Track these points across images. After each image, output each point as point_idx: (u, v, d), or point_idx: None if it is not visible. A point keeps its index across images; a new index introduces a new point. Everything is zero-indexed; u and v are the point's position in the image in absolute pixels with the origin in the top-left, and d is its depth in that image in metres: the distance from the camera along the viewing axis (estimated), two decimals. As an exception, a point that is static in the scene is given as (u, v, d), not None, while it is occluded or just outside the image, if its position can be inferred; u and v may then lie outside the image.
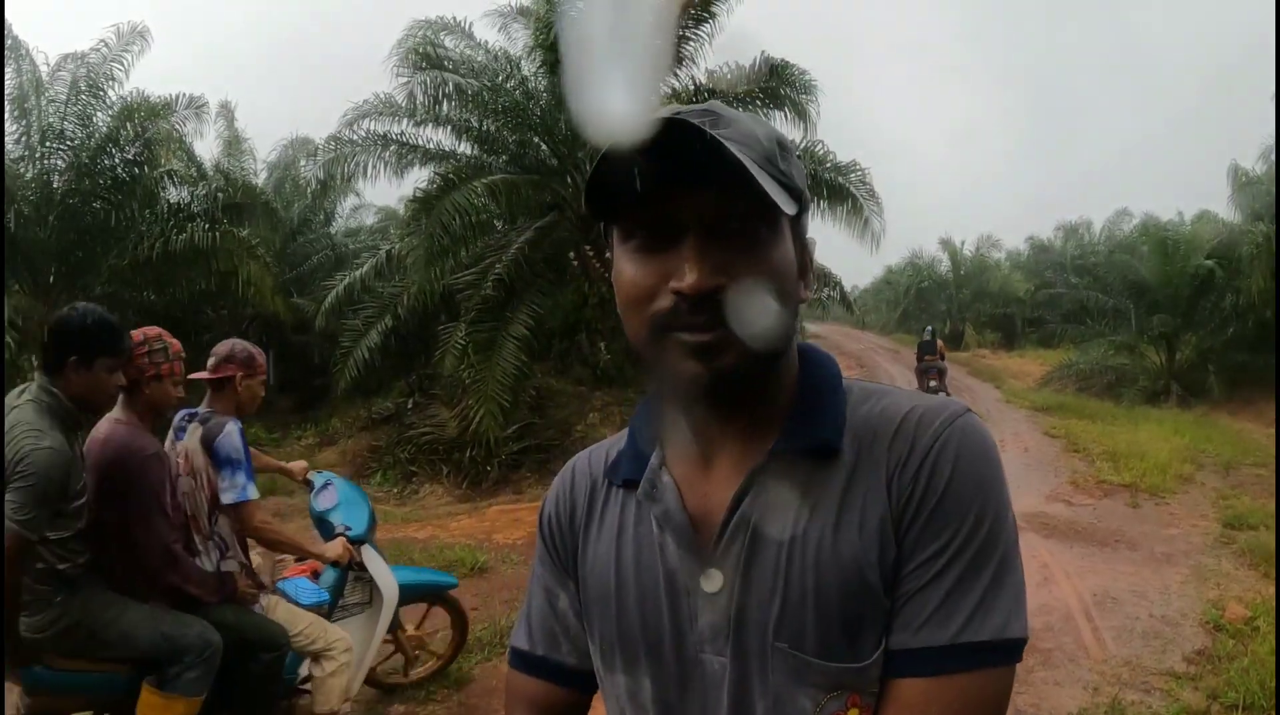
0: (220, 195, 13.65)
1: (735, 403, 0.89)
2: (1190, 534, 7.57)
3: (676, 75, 12.77)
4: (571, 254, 13.17)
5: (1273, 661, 4.50)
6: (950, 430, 0.84)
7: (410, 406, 12.87)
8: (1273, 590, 5.96)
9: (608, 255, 1.00)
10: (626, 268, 0.84)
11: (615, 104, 0.80)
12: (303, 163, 16.94)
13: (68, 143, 12.69)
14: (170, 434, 3.51)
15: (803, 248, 0.90)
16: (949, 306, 39.70)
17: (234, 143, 17.38)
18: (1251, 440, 13.38)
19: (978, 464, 0.83)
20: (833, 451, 0.87)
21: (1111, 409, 16.82)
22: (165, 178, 13.82)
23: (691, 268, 0.79)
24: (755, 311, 0.80)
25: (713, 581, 0.87)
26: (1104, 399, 18.74)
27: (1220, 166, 19.31)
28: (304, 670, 3.64)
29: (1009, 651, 0.80)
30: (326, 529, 3.93)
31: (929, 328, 17.19)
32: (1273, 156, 17.55)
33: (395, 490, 11.21)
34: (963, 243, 42.14)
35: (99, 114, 12.92)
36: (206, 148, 17.12)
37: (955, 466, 0.82)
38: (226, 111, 17.29)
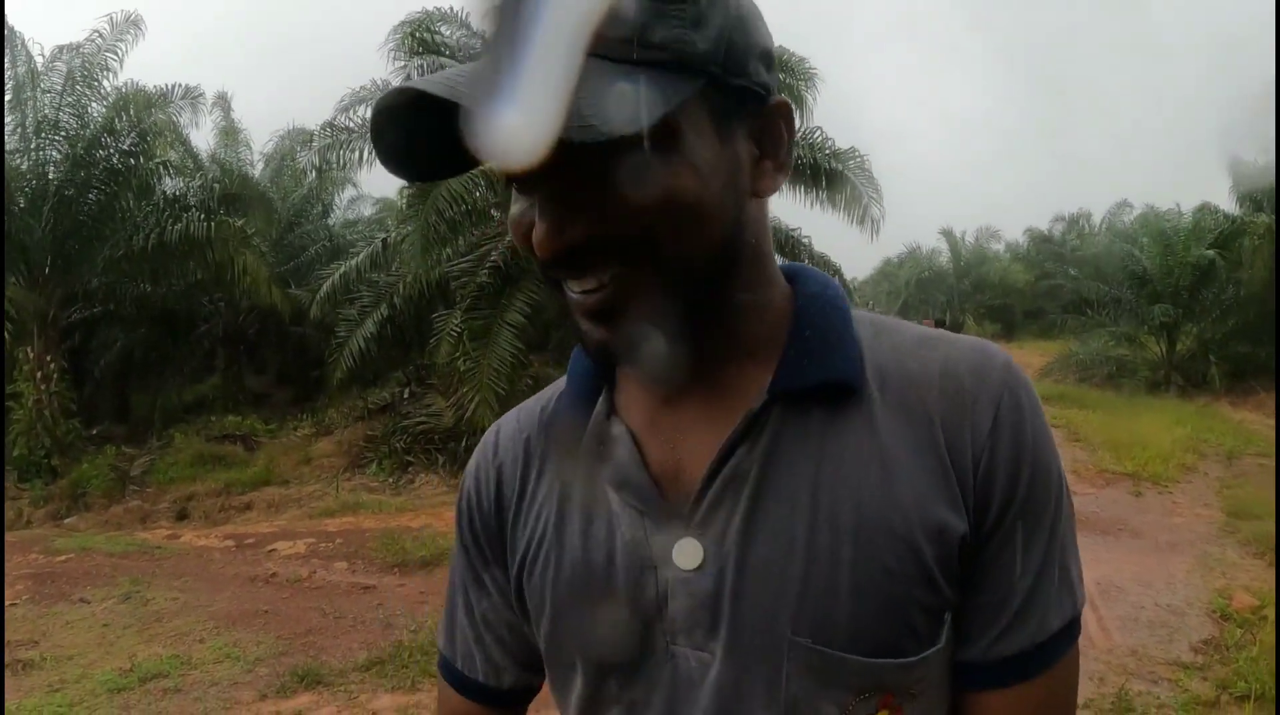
0: (216, 186, 13.71)
1: (690, 350, 0.70)
2: (1194, 523, 7.56)
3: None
4: (568, 241, 13.14)
5: (1281, 649, 4.45)
6: (1014, 384, 0.70)
7: (406, 396, 12.83)
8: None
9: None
10: (511, 207, 0.67)
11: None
12: (299, 152, 16.90)
13: (63, 134, 12.70)
14: None
15: (759, 121, 0.68)
16: (949, 297, 39.83)
17: (230, 133, 17.34)
18: (1253, 430, 13.39)
19: (1043, 423, 0.71)
20: (851, 390, 0.70)
21: (1112, 399, 16.79)
22: (161, 168, 13.83)
23: (539, 225, 0.62)
24: (652, 255, 0.63)
25: (688, 556, 0.70)
26: (1104, 389, 18.72)
27: (1221, 158, 19.34)
28: None
29: (1077, 626, 0.72)
30: None
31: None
32: (1273, 149, 17.48)
33: (391, 480, 11.17)
34: (962, 234, 42.28)
35: (94, 105, 12.94)
36: (202, 138, 17.09)
37: (1033, 431, 0.69)
38: (223, 102, 17.26)
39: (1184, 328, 19.15)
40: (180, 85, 13.49)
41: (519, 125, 0.47)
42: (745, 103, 0.66)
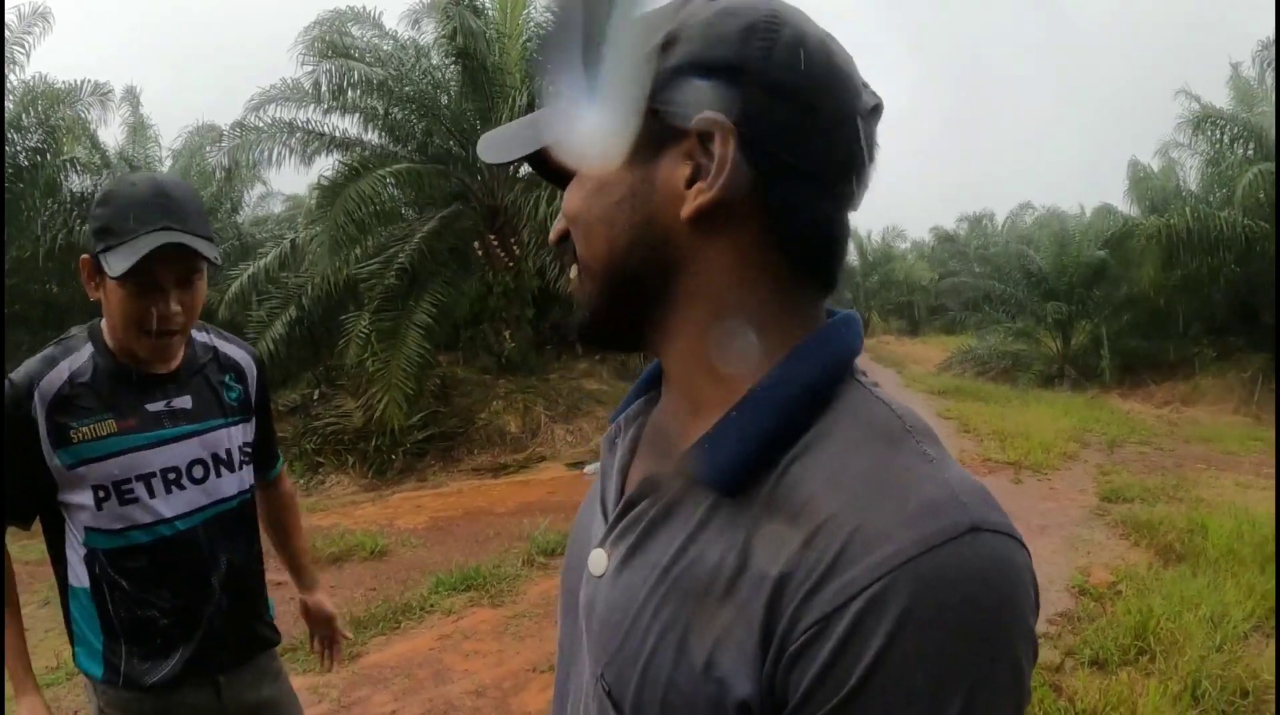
0: (125, 185, 13.32)
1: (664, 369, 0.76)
2: (1068, 507, 7.92)
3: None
4: (476, 243, 13.23)
5: (1130, 619, 4.78)
6: (899, 575, 0.54)
7: (316, 397, 12.80)
8: (1139, 556, 6.34)
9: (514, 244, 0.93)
10: None
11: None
12: (208, 150, 16.63)
13: (-36, 130, 12.28)
14: None
15: (684, 143, 0.66)
16: (856, 294, 40.61)
17: (139, 129, 16.92)
18: (1139, 420, 14.01)
19: (937, 644, 0.53)
20: (733, 494, 0.65)
21: (1006, 392, 17.47)
22: (68, 166, 13.45)
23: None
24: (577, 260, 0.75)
25: (596, 563, 0.74)
26: (1000, 383, 19.47)
27: (1122, 161, 20.11)
28: None
29: None
30: None
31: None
32: (1170, 153, 18.35)
33: (302, 481, 11.14)
34: (869, 232, 43.17)
35: (-1, 100, 12.54)
36: (111, 134, 16.69)
37: (887, 646, 0.53)
38: (131, 96, 16.80)
39: (1078, 324, 19.94)
40: (89, 81, 13.21)
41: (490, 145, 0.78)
42: (664, 125, 0.66)
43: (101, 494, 1.71)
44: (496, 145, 0.78)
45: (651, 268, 0.69)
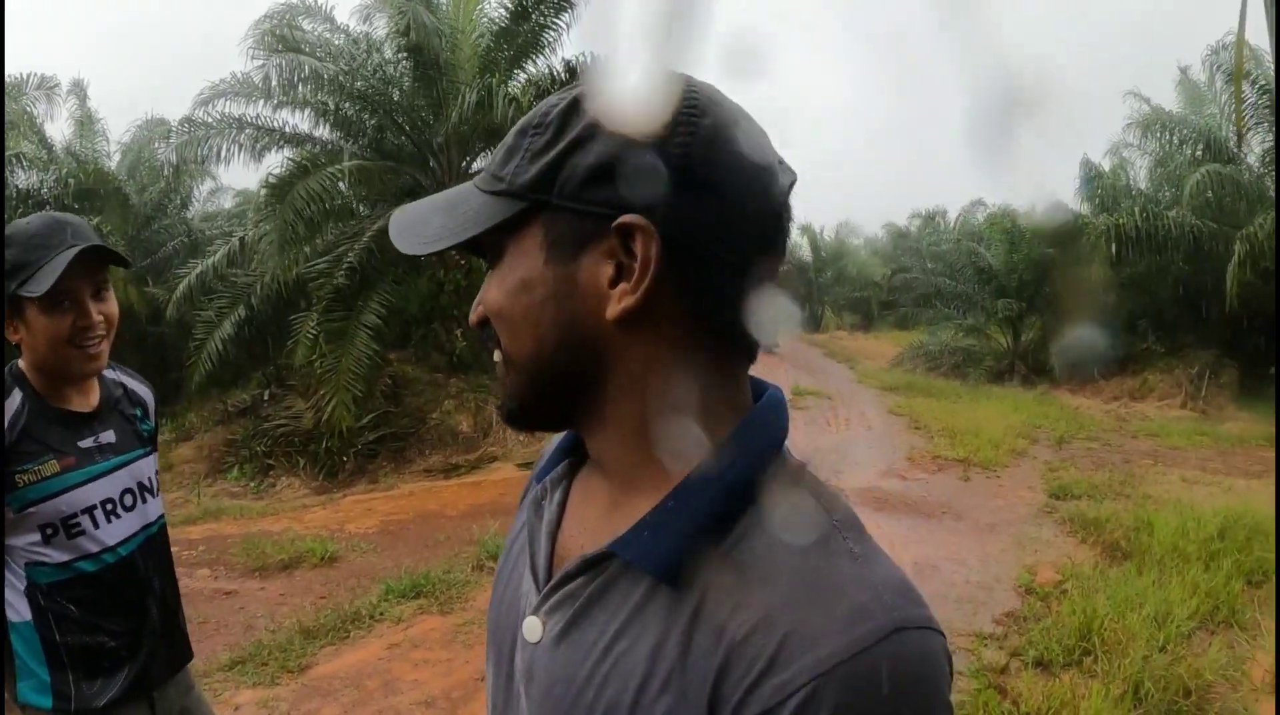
0: (71, 180, 13.14)
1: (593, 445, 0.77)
2: (1016, 505, 8.02)
3: (534, 63, 12.85)
4: (428, 241, 13.13)
5: (1074, 619, 4.83)
6: (832, 676, 0.57)
7: (266, 398, 12.62)
8: (1086, 554, 6.43)
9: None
10: None
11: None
12: (157, 145, 16.33)
13: (-95, 124, 11.96)
14: None
15: (608, 241, 0.67)
16: (809, 289, 40.84)
17: (86, 123, 16.59)
18: (1087, 416, 14.26)
19: None
20: (670, 582, 0.66)
21: (957, 388, 17.65)
22: (14, 161, 13.21)
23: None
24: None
25: (531, 630, 0.74)
26: (951, 379, 19.68)
27: (1072, 160, 20.30)
28: None
29: None
30: None
31: None
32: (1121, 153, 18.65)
33: (252, 485, 10.99)
34: (822, 228, 43.42)
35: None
36: (58, 129, 16.35)
37: None
38: (79, 90, 16.48)
39: (1027, 320, 20.23)
40: (36, 75, 12.96)
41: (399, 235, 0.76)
42: (586, 224, 0.67)
43: (50, 531, 1.80)
44: (412, 232, 0.77)
45: (579, 365, 0.70)
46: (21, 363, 1.88)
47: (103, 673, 1.86)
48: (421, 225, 0.76)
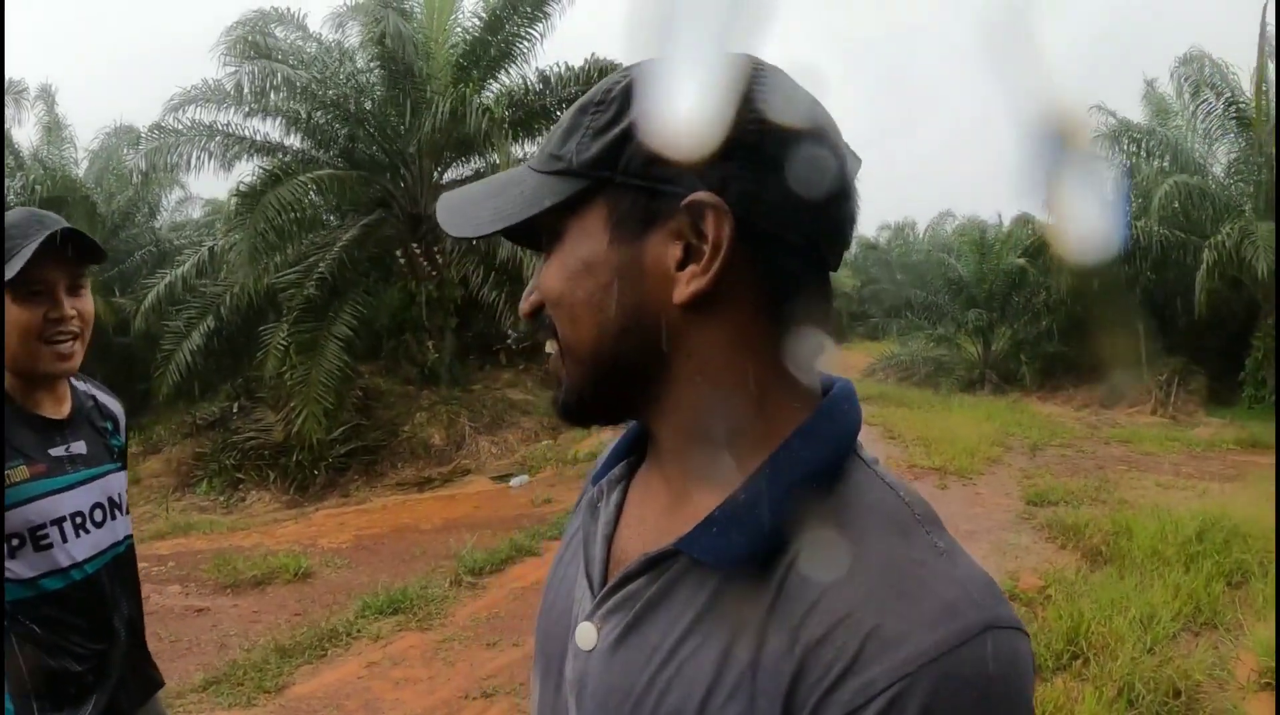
0: (38, 187, 12.94)
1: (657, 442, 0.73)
2: (994, 512, 7.99)
3: (508, 73, 12.82)
4: (399, 252, 13.05)
5: (1061, 624, 4.82)
6: (922, 675, 0.54)
7: (235, 411, 12.46)
8: (1066, 559, 6.43)
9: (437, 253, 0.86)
10: None
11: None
12: (126, 152, 16.11)
13: None
14: None
15: (675, 221, 0.64)
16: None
17: (54, 129, 16.35)
18: (1059, 423, 14.36)
19: None
20: (743, 578, 0.63)
21: (929, 397, 17.71)
22: (-20, 167, 12.95)
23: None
24: (559, 337, 0.72)
25: (585, 636, 0.71)
26: (924, 388, 19.79)
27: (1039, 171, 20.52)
28: None
29: None
30: None
31: None
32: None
33: (222, 498, 10.85)
34: (793, 243, 43.59)
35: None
36: (25, 134, 16.10)
37: None
38: (46, 95, 16.25)
39: (998, 330, 20.41)
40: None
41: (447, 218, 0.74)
42: (653, 203, 0.64)
43: (16, 542, 1.69)
44: (460, 211, 0.74)
45: (643, 352, 0.67)
46: None
47: (71, 700, 1.76)
48: (472, 208, 0.74)
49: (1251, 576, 5.67)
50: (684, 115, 0.62)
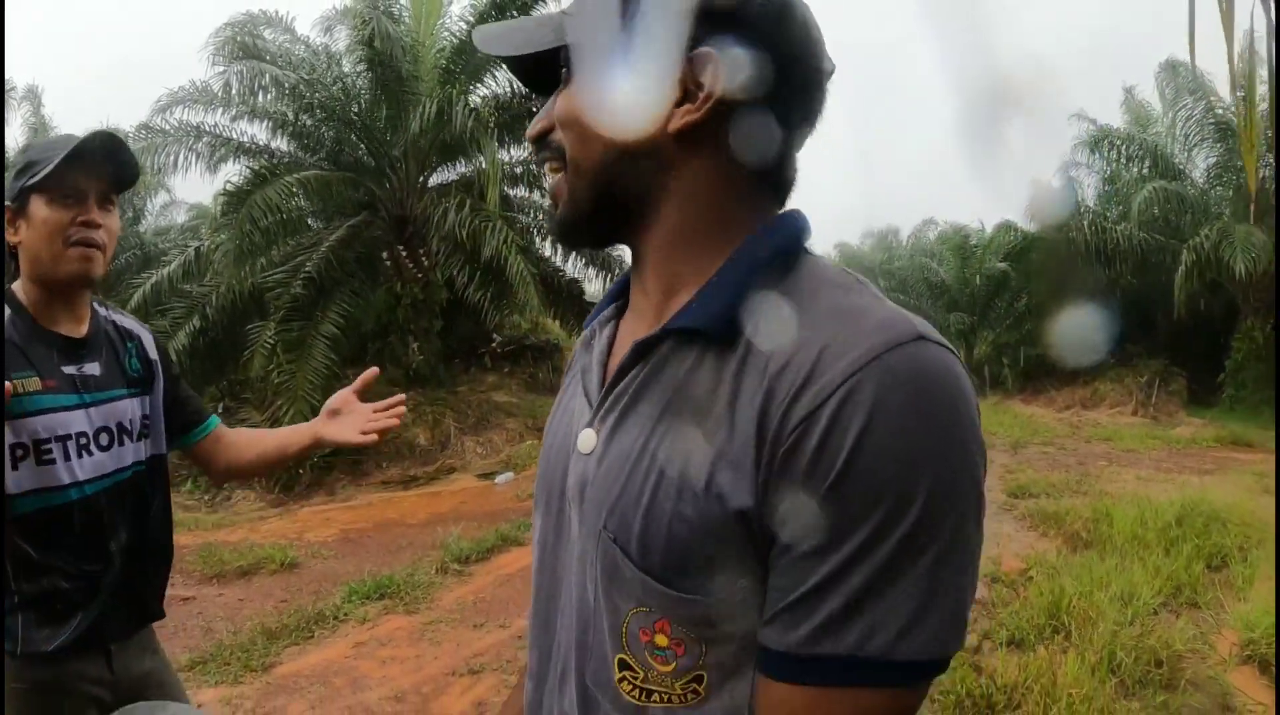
0: (23, 190, 12.82)
1: (638, 260, 0.84)
2: (977, 504, 8.11)
3: (495, 77, 12.84)
4: (385, 254, 13.05)
5: (1043, 600, 4.87)
6: (866, 372, 0.64)
7: (221, 411, 12.40)
8: (1048, 545, 6.50)
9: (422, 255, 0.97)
10: None
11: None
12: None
13: None
14: None
15: (682, 67, 0.75)
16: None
17: (41, 130, 16.26)
18: (1041, 423, 14.52)
19: (902, 426, 0.63)
20: (721, 338, 0.73)
21: (914, 400, 17.78)
22: (-35, 167, 12.86)
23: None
24: (565, 158, 0.82)
25: (585, 442, 0.82)
26: (908, 392, 19.82)
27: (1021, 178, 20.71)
28: None
29: (917, 671, 0.65)
30: None
31: None
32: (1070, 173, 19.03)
33: (207, 497, 10.77)
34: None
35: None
36: (11, 135, 16.01)
37: (864, 431, 0.62)
38: (33, 96, 16.17)
39: (980, 334, 20.56)
40: (-11, 78, 12.62)
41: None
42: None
43: (20, 452, 1.70)
44: (499, 37, 0.87)
45: (638, 171, 0.78)
46: (16, 284, 1.81)
47: (55, 616, 1.76)
48: (509, 33, 0.87)
49: (1231, 560, 5.74)
50: None
